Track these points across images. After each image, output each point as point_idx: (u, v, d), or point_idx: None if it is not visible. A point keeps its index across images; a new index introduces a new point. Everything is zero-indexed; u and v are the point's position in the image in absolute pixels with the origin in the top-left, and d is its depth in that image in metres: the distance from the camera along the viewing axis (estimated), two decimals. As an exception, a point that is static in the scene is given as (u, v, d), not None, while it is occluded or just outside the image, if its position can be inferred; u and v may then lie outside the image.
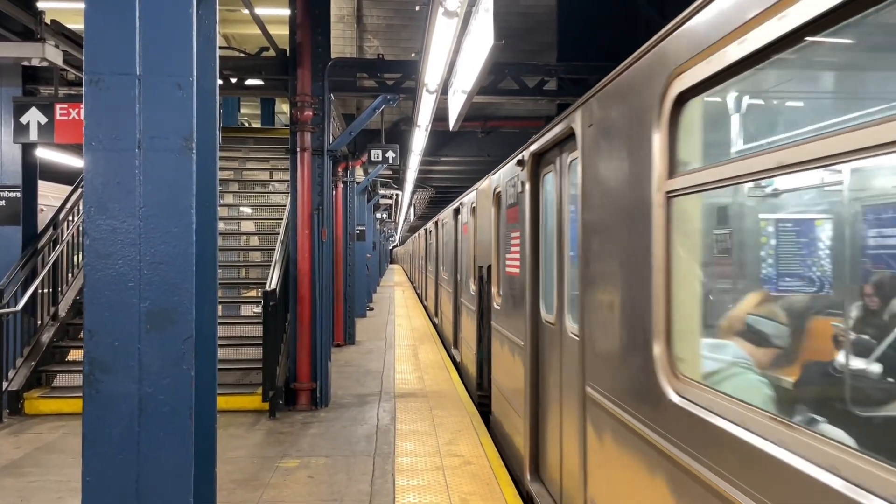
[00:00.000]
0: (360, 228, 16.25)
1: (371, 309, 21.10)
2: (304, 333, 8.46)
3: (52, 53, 7.25)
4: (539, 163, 5.26)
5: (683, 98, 2.61)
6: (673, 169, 2.69)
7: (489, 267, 7.42)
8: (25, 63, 7.83)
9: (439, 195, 28.48)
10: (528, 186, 5.33)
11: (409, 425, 7.52)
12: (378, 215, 29.67)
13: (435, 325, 16.84)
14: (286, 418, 7.90)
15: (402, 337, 15.07)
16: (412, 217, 45.21)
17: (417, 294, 29.06)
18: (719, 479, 2.21)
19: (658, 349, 2.73)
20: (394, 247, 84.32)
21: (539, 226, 5.24)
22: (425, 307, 21.71)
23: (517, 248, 5.77)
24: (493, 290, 7.17)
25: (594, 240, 3.61)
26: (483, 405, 7.99)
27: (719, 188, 2.36)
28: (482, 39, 4.67)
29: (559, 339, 4.64)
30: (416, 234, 32.14)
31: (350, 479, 5.81)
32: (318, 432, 7.31)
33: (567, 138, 4.39)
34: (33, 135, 7.58)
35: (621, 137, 3.19)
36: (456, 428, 7.40)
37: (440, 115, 8.97)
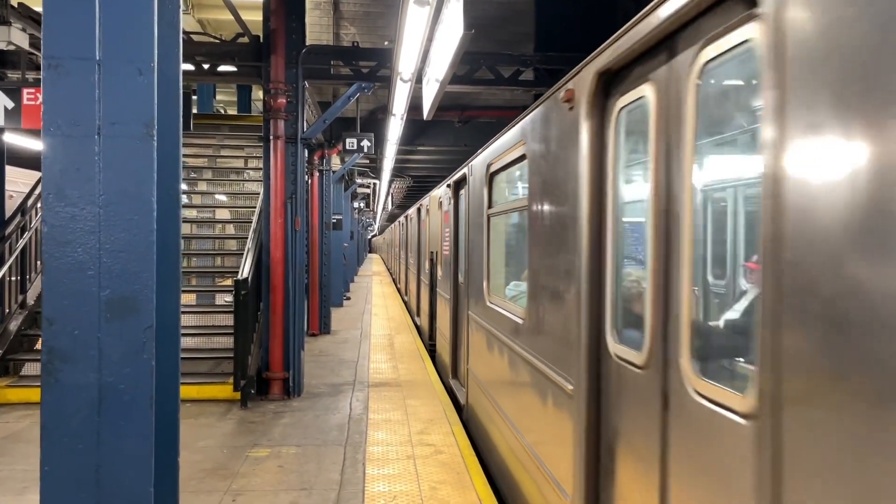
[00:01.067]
0: (336, 217, 16.17)
1: (348, 298, 21.05)
2: (276, 322, 8.42)
3: (18, 37, 7.12)
4: (458, 188, 7.84)
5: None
6: (490, 205, 6.03)
7: (434, 252, 10.64)
8: (-9, 46, 7.67)
9: (417, 184, 28.44)
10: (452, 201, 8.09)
11: (381, 415, 7.53)
12: (356, 204, 29.55)
13: (411, 316, 16.86)
14: (258, 408, 7.87)
15: (378, 327, 15.05)
16: (390, 206, 45.09)
17: (395, 283, 29.03)
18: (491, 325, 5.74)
19: (485, 286, 6.20)
20: (372, 236, 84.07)
21: (459, 226, 7.67)
22: (398, 290, 21.89)
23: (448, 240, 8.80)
24: (438, 268, 10.31)
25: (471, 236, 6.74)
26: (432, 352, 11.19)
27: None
28: (453, 28, 4.66)
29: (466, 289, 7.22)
30: (394, 225, 32.09)
31: (320, 469, 5.81)
32: (290, 422, 7.30)
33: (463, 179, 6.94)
34: (0, 120, 7.45)
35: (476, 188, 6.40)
36: (429, 417, 7.43)
37: (416, 104, 8.93)
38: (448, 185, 8.93)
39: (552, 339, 3.92)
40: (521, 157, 4.81)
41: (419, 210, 11.07)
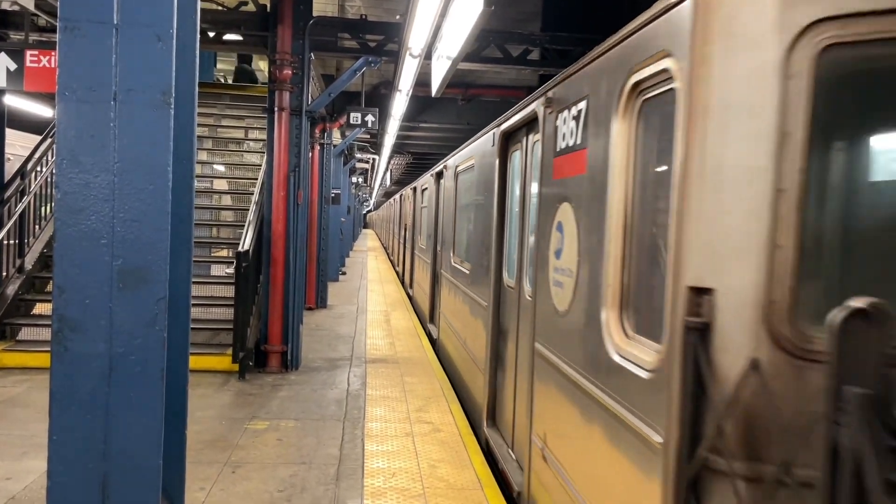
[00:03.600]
0: (335, 192, 16.08)
1: (344, 273, 21.03)
2: (276, 296, 8.39)
3: (22, -3, 6.99)
4: (439, 178, 7.45)
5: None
6: (455, 195, 6.20)
7: (420, 227, 10.67)
8: (-6, 6, 7.55)
9: (416, 161, 28.32)
10: (434, 188, 7.48)
11: (379, 391, 7.54)
12: (354, 179, 29.42)
13: (409, 296, 16.86)
14: (256, 380, 7.87)
15: (374, 302, 15.05)
16: (388, 182, 44.94)
17: (390, 260, 29.01)
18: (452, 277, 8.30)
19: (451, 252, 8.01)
20: (368, 211, 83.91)
21: (438, 208, 7.14)
22: (398, 272, 21.89)
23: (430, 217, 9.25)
24: (421, 238, 10.37)
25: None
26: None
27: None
28: (471, 4, 4.58)
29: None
30: (392, 200, 32.02)
31: (319, 443, 5.81)
32: (288, 395, 7.30)
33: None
34: (2, 81, 7.33)
35: (448, 181, 7.09)
36: (426, 395, 7.44)
37: (421, 81, 8.84)
38: (431, 175, 11.18)
39: (480, 280, 6.53)
40: (472, 167, 7.26)
41: (413, 190, 12.85)
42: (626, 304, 3.08)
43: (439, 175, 10.80)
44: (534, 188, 4.75)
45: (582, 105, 3.56)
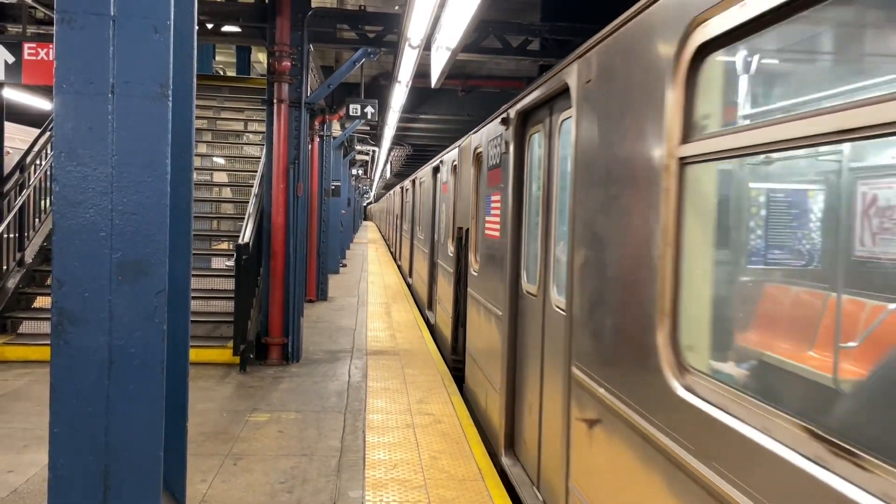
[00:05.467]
0: (335, 184, 16.06)
1: (344, 265, 21.02)
2: (276, 288, 8.39)
3: (19, -11, 6.96)
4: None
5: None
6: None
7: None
8: (-9, -1, 7.52)
9: (416, 153, 28.27)
10: (512, 147, 5.12)
11: (380, 383, 7.55)
12: (354, 171, 29.38)
13: (408, 285, 16.88)
14: (257, 372, 7.88)
15: (374, 294, 15.05)
16: (388, 174, 44.88)
17: (391, 252, 29.00)
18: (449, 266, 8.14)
19: (449, 242, 7.33)
20: (368, 203, 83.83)
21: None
22: (399, 266, 21.88)
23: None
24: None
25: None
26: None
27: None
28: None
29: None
30: (392, 192, 31.99)
31: (320, 435, 5.83)
32: (289, 387, 7.31)
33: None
34: (0, 75, 7.30)
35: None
36: (427, 386, 7.45)
37: (421, 72, 8.81)
38: (429, 170, 11.43)
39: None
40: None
41: (436, 170, 11.60)
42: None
43: (436, 170, 10.92)
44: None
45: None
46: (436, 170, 11.25)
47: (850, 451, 1.61)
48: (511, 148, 5.12)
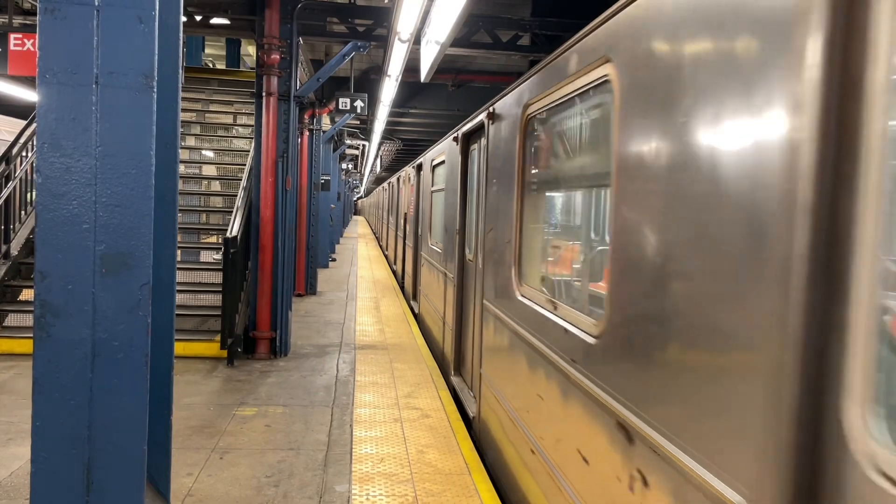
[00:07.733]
0: (324, 178, 16.01)
1: (334, 260, 20.98)
2: (264, 282, 8.37)
3: (4, -21, 6.89)
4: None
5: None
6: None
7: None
8: (-24, -12, 7.43)
9: (407, 147, 28.19)
10: (459, 159, 7.14)
11: (368, 377, 7.54)
12: (343, 165, 29.29)
13: (394, 272, 17.02)
14: (244, 366, 7.85)
15: (364, 289, 15.03)
16: (378, 169, 44.78)
17: (380, 245, 28.98)
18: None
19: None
20: (358, 198, 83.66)
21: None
22: (386, 255, 22.14)
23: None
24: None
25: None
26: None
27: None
28: (458, -11, 4.55)
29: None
30: (381, 187, 31.97)
31: (307, 429, 5.82)
32: (277, 381, 7.29)
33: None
34: (-16, 65, 7.24)
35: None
36: (415, 381, 7.45)
37: (411, 66, 8.79)
38: (412, 167, 12.69)
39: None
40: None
41: (398, 179, 14.78)
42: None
43: (419, 167, 11.90)
44: None
45: None
46: (418, 168, 11.86)
47: (556, 304, 3.71)
48: (458, 159, 7.08)
